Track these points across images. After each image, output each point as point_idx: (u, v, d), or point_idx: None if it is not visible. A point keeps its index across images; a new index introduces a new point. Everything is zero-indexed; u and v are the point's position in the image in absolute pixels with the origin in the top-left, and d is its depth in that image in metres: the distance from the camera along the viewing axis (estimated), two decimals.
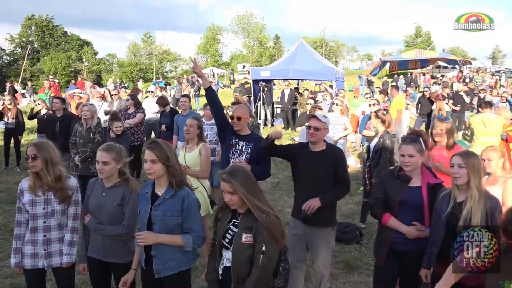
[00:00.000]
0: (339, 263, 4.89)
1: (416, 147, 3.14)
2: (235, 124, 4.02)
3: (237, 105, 5.99)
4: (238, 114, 4.00)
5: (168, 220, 2.78)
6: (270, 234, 2.48)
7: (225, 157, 4.13)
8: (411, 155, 3.12)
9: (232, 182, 2.52)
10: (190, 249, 2.81)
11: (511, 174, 3.93)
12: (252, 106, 14.99)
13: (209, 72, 41.05)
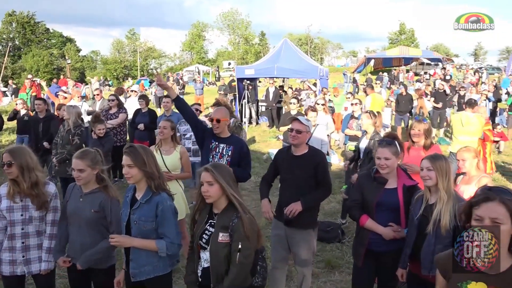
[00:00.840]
0: (320, 262, 4.95)
1: (392, 150, 3.21)
2: (214, 126, 4.03)
3: (217, 107, 6.03)
4: (218, 116, 4.01)
5: (143, 225, 2.80)
6: (246, 232, 2.50)
7: (205, 161, 4.13)
8: (387, 158, 3.19)
9: (214, 171, 2.54)
10: (164, 255, 2.81)
11: (485, 173, 4.05)
12: (237, 104, 15.02)
13: (195, 69, 40.84)
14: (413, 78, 30.84)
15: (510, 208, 1.75)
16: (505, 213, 1.74)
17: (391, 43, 63.99)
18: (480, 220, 1.79)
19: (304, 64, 14.13)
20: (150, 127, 7.54)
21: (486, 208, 1.78)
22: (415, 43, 64.38)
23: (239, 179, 4.32)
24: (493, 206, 1.77)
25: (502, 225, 1.75)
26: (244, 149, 4.19)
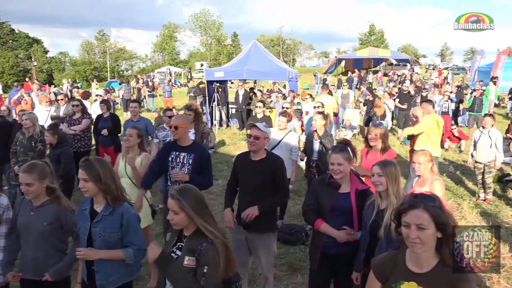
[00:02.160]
0: (283, 265, 5.01)
1: (344, 156, 3.29)
2: (173, 133, 4.04)
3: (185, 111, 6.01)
4: (176, 123, 4.02)
5: (108, 236, 2.81)
6: (213, 257, 2.34)
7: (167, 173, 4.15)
8: (340, 163, 3.27)
9: (180, 200, 2.38)
10: (131, 262, 2.85)
11: (438, 176, 4.20)
12: (207, 107, 14.98)
13: (166, 71, 40.40)
14: (382, 79, 31.49)
15: (433, 214, 1.87)
16: (429, 219, 1.87)
17: (361, 44, 65.18)
18: (407, 226, 1.91)
19: (273, 66, 14.23)
20: (114, 132, 7.43)
21: (411, 214, 1.89)
22: (384, 44, 65.78)
23: (201, 187, 4.35)
24: (418, 212, 1.88)
25: (426, 230, 1.86)
26: (205, 156, 4.20)
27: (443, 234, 1.91)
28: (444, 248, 1.93)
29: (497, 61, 25.59)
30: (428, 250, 1.92)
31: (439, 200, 1.99)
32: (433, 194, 2.07)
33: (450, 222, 1.93)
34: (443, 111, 12.23)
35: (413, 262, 1.99)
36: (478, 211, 6.89)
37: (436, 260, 1.95)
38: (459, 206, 7.16)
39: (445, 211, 1.95)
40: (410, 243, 1.91)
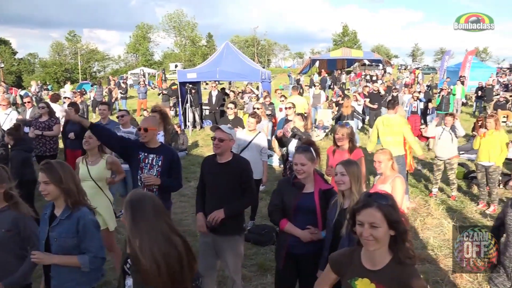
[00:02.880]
0: (253, 266, 5.03)
1: (308, 156, 3.33)
2: (142, 136, 3.98)
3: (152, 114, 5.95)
4: (145, 125, 3.98)
5: (64, 241, 2.75)
6: None
7: (135, 173, 4.07)
8: (303, 163, 3.31)
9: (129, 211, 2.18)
10: (87, 270, 2.77)
11: (399, 174, 4.30)
12: (180, 109, 14.88)
13: (140, 72, 39.90)
14: (355, 79, 31.96)
15: (385, 213, 1.93)
16: (381, 217, 1.92)
17: (335, 45, 66.00)
18: (361, 224, 1.95)
19: (246, 67, 14.25)
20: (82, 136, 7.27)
21: (365, 213, 1.95)
22: (357, 44, 66.79)
23: (171, 189, 4.32)
24: (371, 211, 1.93)
25: (379, 228, 1.91)
26: (174, 158, 4.17)
27: (395, 232, 1.96)
28: (396, 246, 1.98)
29: (464, 61, 26.43)
30: (381, 248, 1.97)
31: (392, 199, 2.04)
32: (387, 193, 2.12)
33: (402, 221, 1.98)
34: (412, 110, 12.51)
35: (367, 259, 2.04)
36: (444, 207, 7.09)
37: (389, 257, 2.00)
38: (426, 203, 7.35)
39: (397, 209, 2.01)
40: (364, 241, 1.95)
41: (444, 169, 7.66)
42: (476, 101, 19.47)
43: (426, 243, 5.73)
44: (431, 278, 4.76)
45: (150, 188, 3.89)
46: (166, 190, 4.13)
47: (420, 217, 6.64)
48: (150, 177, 3.90)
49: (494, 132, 6.92)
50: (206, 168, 3.88)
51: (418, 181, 8.75)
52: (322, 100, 14.51)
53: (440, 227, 6.24)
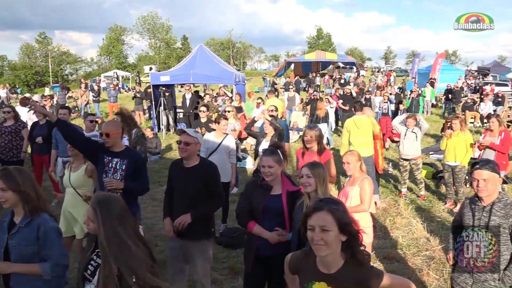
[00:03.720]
0: (225, 269, 5.02)
1: (275, 158, 3.35)
2: (105, 141, 3.93)
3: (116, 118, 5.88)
4: (106, 130, 3.91)
5: (23, 249, 2.68)
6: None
7: (100, 177, 4.01)
8: (270, 166, 3.32)
9: (98, 211, 2.25)
10: (48, 277, 2.70)
11: (367, 175, 4.38)
12: (153, 112, 14.72)
13: (113, 75, 39.26)
14: (329, 82, 32.35)
15: (336, 216, 1.94)
16: (332, 221, 1.93)
17: (310, 48, 66.65)
18: (312, 229, 1.95)
19: (219, 69, 14.23)
20: (50, 140, 7.10)
21: (316, 217, 1.95)
22: (332, 47, 67.68)
23: (136, 193, 4.26)
24: (322, 215, 1.94)
25: (330, 232, 1.92)
26: (139, 161, 4.13)
27: (347, 235, 1.97)
28: (351, 248, 2.00)
29: (435, 63, 27.11)
30: (333, 253, 1.97)
31: (342, 204, 2.08)
32: (337, 198, 2.16)
33: (352, 224, 2.00)
34: (383, 112, 12.75)
35: (321, 263, 2.05)
36: (413, 207, 7.25)
37: (342, 261, 2.02)
38: (396, 203, 7.49)
39: (348, 213, 2.03)
40: (314, 246, 1.94)
41: (412, 169, 7.82)
42: (445, 102, 20.00)
43: (395, 242, 5.84)
44: None
45: (114, 192, 3.84)
46: (131, 194, 4.08)
47: (390, 217, 6.77)
48: (112, 181, 3.85)
49: (459, 133, 7.12)
50: (174, 172, 3.85)
51: (388, 181, 8.92)
52: (297, 102, 14.63)
53: (409, 226, 6.37)
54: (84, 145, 4.02)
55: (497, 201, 2.98)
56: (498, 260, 2.97)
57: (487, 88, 22.47)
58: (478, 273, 3.04)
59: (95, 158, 4.02)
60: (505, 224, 2.92)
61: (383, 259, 5.34)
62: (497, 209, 2.95)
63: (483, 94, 18.74)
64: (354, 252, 2.00)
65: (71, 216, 4.46)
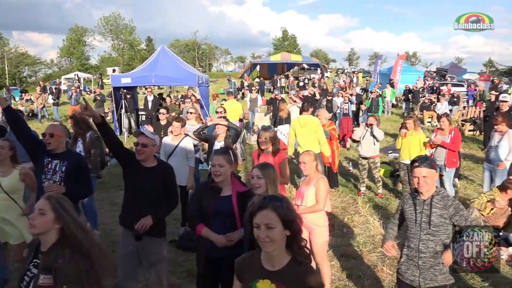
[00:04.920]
0: (183, 273, 4.97)
1: (226, 158, 3.36)
2: (47, 141, 3.83)
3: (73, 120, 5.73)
4: (51, 130, 3.83)
5: None
6: (75, 273, 2.19)
7: (39, 180, 3.91)
8: (221, 165, 3.32)
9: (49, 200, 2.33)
10: None
11: (323, 175, 4.45)
12: (115, 115, 14.43)
13: (74, 77, 38.13)
14: (294, 83, 32.71)
15: (280, 213, 1.98)
16: (276, 218, 1.97)
17: (275, 49, 67.13)
18: (257, 226, 1.99)
19: (182, 71, 14.10)
20: None
21: (260, 215, 1.99)
22: (297, 49, 68.46)
23: (79, 197, 4.17)
24: (266, 213, 1.98)
25: (274, 229, 1.97)
26: (81, 164, 4.06)
27: (291, 231, 2.02)
28: (293, 245, 2.04)
29: (395, 65, 27.92)
30: (278, 248, 2.02)
31: (286, 201, 2.11)
32: (281, 195, 2.19)
33: (296, 220, 2.05)
34: (344, 112, 13.00)
35: (267, 261, 2.08)
36: (371, 205, 7.43)
37: (288, 258, 2.06)
38: (354, 201, 7.66)
39: (291, 210, 2.07)
40: (261, 243, 1.99)
41: (371, 168, 8.03)
42: (405, 103, 20.64)
43: (352, 240, 5.98)
44: (355, 273, 4.96)
45: None
46: (73, 197, 3.99)
47: (348, 215, 6.91)
48: (53, 185, 3.76)
49: (413, 133, 7.37)
50: (130, 170, 3.79)
51: (348, 180, 9.11)
52: (259, 104, 14.69)
53: (366, 224, 6.52)
54: (30, 142, 3.92)
55: (435, 194, 3.15)
56: (440, 247, 3.13)
57: (444, 88, 23.39)
58: (423, 263, 3.17)
59: (36, 157, 3.92)
60: (446, 214, 3.10)
61: (340, 257, 5.45)
62: (436, 201, 3.13)
63: (440, 94, 19.48)
64: (296, 248, 2.05)
65: (4, 222, 4.25)
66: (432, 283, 3.18)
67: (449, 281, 3.21)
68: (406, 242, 3.31)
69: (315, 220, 4.29)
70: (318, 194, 4.26)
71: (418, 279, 3.21)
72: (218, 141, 5.87)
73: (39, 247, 2.38)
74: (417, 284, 3.22)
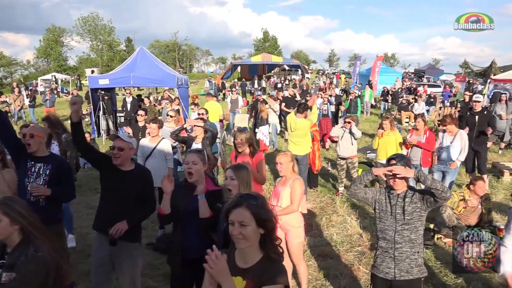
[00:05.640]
0: (159, 276, 4.94)
1: (200, 157, 3.36)
2: (27, 142, 3.75)
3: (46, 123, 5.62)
4: (31, 131, 3.77)
5: None
6: (33, 271, 2.26)
7: (21, 183, 3.82)
8: (194, 162, 3.32)
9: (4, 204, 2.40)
10: None
11: (299, 176, 4.47)
12: (92, 116, 14.22)
13: (51, 78, 37.42)
14: (274, 83, 32.81)
15: (253, 211, 2.03)
16: (250, 216, 2.02)
17: (256, 50, 67.21)
18: (232, 224, 2.04)
19: (161, 72, 13.99)
20: None
21: (235, 213, 2.04)
22: (278, 50, 68.69)
23: (61, 200, 4.10)
24: (240, 211, 2.03)
25: (248, 226, 2.01)
26: (64, 167, 3.99)
27: (265, 230, 2.06)
28: (266, 243, 2.08)
29: (374, 66, 28.28)
30: (251, 246, 2.05)
31: (262, 200, 2.13)
32: (258, 194, 2.20)
33: (271, 219, 2.08)
34: (323, 113, 13.09)
35: (240, 258, 2.12)
36: (348, 204, 7.51)
37: (260, 255, 2.09)
38: (332, 201, 7.73)
39: (266, 208, 2.10)
40: (235, 239, 2.04)
41: (349, 168, 8.12)
42: (383, 103, 20.94)
43: (330, 240, 6.03)
44: (332, 273, 5.00)
45: (38, 199, 3.71)
46: (56, 200, 3.93)
47: (326, 215, 6.97)
48: (39, 187, 3.69)
49: (390, 133, 7.49)
50: (107, 176, 3.74)
51: (327, 181, 9.19)
52: (240, 105, 14.69)
53: (344, 223, 6.59)
54: (13, 143, 3.84)
55: (408, 189, 3.27)
56: (416, 235, 3.23)
57: (421, 89, 23.82)
58: (399, 254, 3.24)
59: (19, 160, 3.85)
60: (416, 198, 3.20)
61: (318, 257, 5.49)
62: (409, 195, 3.23)
63: (417, 95, 19.83)
64: (269, 247, 2.08)
65: None
66: (407, 276, 3.24)
67: (423, 274, 3.29)
68: (380, 234, 3.36)
69: (290, 221, 4.31)
70: (293, 194, 4.28)
71: (393, 270, 3.27)
72: (196, 143, 5.85)
73: (5, 248, 2.46)
74: (392, 276, 3.27)
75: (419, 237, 3.26)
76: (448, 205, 6.14)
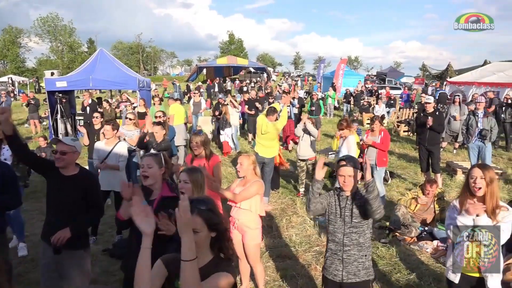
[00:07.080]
0: (115, 282, 4.82)
1: (156, 160, 3.31)
2: None
3: None
4: None
5: None
6: None
7: None
8: (149, 165, 3.27)
9: None
10: None
11: (260, 179, 4.46)
12: (50, 120, 13.76)
13: (7, 81, 35.96)
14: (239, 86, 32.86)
15: (205, 218, 2.00)
16: (201, 223, 1.99)
17: (222, 53, 67.17)
18: None
19: (121, 74, 13.70)
20: None
21: None
22: (244, 52, 68.89)
23: (8, 208, 3.94)
24: (192, 218, 1.96)
25: (200, 233, 1.98)
26: (8, 173, 3.82)
27: (216, 233, 2.05)
28: (218, 244, 2.07)
29: (337, 69, 28.86)
30: (202, 249, 2.03)
31: (212, 203, 2.12)
32: (207, 197, 2.20)
33: (222, 221, 2.08)
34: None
35: None
36: None
37: (211, 256, 2.08)
38: (293, 203, 7.81)
39: (216, 211, 2.09)
40: None
41: (309, 169, 8.23)
42: (345, 105, 21.39)
43: (289, 241, 6.08)
44: (289, 273, 5.05)
45: None
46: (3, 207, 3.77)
47: (286, 216, 7.03)
48: None
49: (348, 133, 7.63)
50: (50, 181, 3.62)
51: (288, 182, 9.28)
52: (203, 107, 14.61)
53: (304, 224, 6.67)
54: None
55: (357, 190, 3.33)
56: (363, 239, 3.29)
57: (383, 91, 24.49)
58: (348, 256, 3.29)
59: None
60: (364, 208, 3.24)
61: (276, 258, 5.52)
62: (358, 197, 3.29)
63: (378, 97, 20.37)
64: (221, 247, 2.08)
65: None
66: (355, 278, 3.30)
67: (370, 277, 3.35)
68: (330, 236, 3.42)
69: (247, 223, 4.31)
70: (245, 190, 4.26)
71: (341, 273, 3.31)
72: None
73: None
74: (339, 279, 3.32)
75: (367, 241, 3.33)
76: (402, 204, 6.34)
